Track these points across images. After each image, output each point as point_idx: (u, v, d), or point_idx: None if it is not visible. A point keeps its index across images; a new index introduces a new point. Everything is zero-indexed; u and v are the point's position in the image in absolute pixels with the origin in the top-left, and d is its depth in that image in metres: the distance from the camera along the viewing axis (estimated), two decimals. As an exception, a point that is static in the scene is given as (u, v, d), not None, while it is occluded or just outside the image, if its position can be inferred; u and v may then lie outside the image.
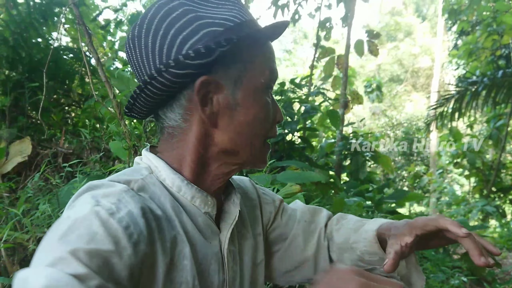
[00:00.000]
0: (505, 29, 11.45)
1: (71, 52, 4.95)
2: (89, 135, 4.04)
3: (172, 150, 0.82)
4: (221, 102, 0.77)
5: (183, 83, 0.75)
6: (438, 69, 20.04)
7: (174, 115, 0.79)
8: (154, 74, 0.73)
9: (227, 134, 0.79)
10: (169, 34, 0.73)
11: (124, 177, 0.75)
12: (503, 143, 10.93)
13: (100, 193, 0.68)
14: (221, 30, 0.74)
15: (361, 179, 6.58)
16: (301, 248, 1.06)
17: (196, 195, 0.80)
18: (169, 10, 0.74)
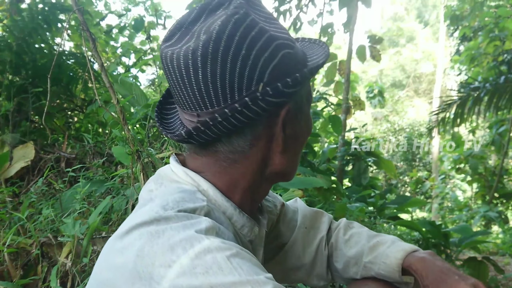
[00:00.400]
0: (507, 35, 11.47)
1: (74, 57, 4.97)
2: (92, 140, 4.05)
3: (224, 174, 0.75)
4: (293, 127, 0.76)
5: (272, 111, 0.71)
6: (440, 74, 20.05)
7: (243, 141, 0.73)
8: (248, 102, 0.66)
9: (288, 156, 0.77)
10: (251, 55, 0.67)
11: (188, 205, 0.66)
12: (505, 148, 10.92)
13: (200, 228, 0.60)
14: (292, 52, 0.71)
15: (363, 185, 6.57)
16: (299, 255, 1.05)
17: (246, 224, 0.77)
18: (247, 27, 0.67)
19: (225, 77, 0.66)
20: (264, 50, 0.67)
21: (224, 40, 0.66)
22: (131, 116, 4.08)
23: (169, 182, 0.76)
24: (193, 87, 0.68)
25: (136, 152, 2.71)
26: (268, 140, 0.74)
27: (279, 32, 0.71)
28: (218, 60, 0.66)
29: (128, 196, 2.89)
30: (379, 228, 5.08)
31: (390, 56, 34.61)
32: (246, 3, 0.71)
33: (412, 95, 32.00)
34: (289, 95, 0.70)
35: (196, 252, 0.54)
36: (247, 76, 0.67)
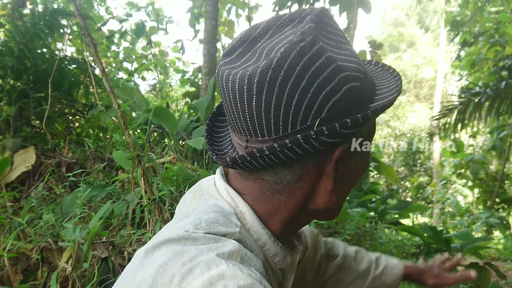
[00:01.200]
0: (507, 40, 11.49)
1: (75, 62, 4.98)
2: (92, 145, 4.05)
3: (266, 202, 0.72)
4: (346, 167, 0.71)
5: (325, 150, 0.66)
6: (441, 80, 20.05)
7: (290, 174, 0.68)
8: (300, 139, 0.62)
9: (337, 195, 0.73)
10: (311, 88, 0.62)
11: (220, 228, 0.64)
12: (506, 154, 10.91)
13: (222, 252, 0.58)
14: (358, 86, 0.66)
15: (364, 190, 6.57)
16: (306, 274, 1.06)
17: (279, 253, 0.74)
18: (312, 57, 0.61)
19: (279, 108, 0.62)
20: (328, 82, 0.62)
21: (285, 69, 0.61)
22: (132, 121, 4.08)
23: (208, 197, 0.74)
24: (245, 112, 0.65)
25: (137, 157, 2.71)
26: (317, 176, 0.70)
27: (349, 61, 0.66)
28: (275, 90, 0.61)
29: (129, 201, 2.89)
30: (381, 233, 5.07)
31: (391, 61, 34.65)
32: (316, 26, 0.65)
33: (413, 100, 32.03)
34: (347, 136, 0.65)
35: (210, 276, 0.53)
36: (304, 109, 0.62)
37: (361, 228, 4.54)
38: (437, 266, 1.24)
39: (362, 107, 0.66)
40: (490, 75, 11.49)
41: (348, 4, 7.31)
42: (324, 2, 7.67)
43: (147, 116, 3.80)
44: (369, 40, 7.18)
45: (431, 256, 4.81)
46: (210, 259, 0.55)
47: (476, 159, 11.56)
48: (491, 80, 9.29)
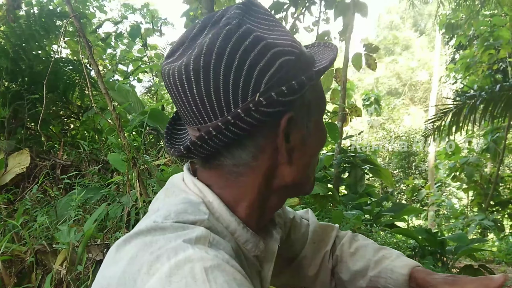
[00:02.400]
0: (502, 44, 11.56)
1: (70, 64, 4.97)
2: (87, 147, 4.04)
3: (230, 187, 0.73)
4: (298, 137, 0.73)
5: (270, 121, 0.68)
6: (436, 83, 20.15)
7: (245, 154, 0.70)
8: (241, 114, 0.64)
9: (297, 168, 0.74)
10: (244, 66, 0.64)
11: (188, 217, 0.65)
12: (501, 156, 10.96)
13: (189, 238, 0.58)
14: (293, 59, 0.68)
15: (360, 192, 6.58)
16: (306, 268, 1.06)
17: (250, 240, 0.74)
18: (240, 38, 0.65)
19: (219, 90, 0.65)
20: (259, 59, 0.65)
21: (215, 52, 0.64)
22: (127, 123, 4.07)
23: (178, 192, 0.75)
24: (190, 102, 0.68)
25: (132, 159, 2.71)
26: (273, 152, 0.71)
27: (281, 39, 0.68)
28: (211, 74, 0.65)
29: (124, 203, 2.88)
30: (376, 236, 5.08)
31: (386, 64, 34.81)
32: (243, 11, 0.69)
33: (408, 103, 32.16)
34: (287, 104, 0.67)
35: (177, 260, 0.53)
36: (241, 88, 0.65)
37: (356, 231, 4.55)
38: None
39: (299, 77, 0.67)
40: (485, 78, 11.56)
41: (344, 8, 7.34)
42: (320, 5, 7.70)
43: (143, 118, 3.79)
44: (364, 43, 7.20)
45: (426, 259, 4.82)
46: (177, 245, 0.56)
47: (470, 162, 11.60)
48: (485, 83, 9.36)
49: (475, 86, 9.59)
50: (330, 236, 1.08)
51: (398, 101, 29.18)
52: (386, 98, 26.64)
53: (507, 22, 11.37)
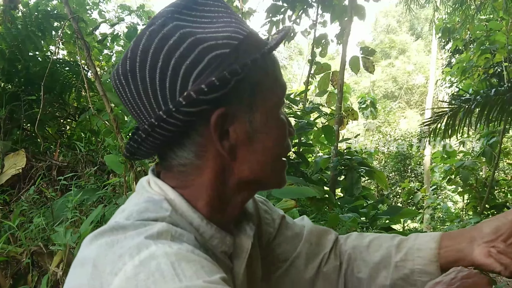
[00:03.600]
0: (498, 48, 11.61)
1: (67, 65, 4.96)
2: (84, 148, 4.03)
3: (184, 187, 0.72)
4: (239, 132, 0.70)
5: (196, 120, 0.67)
6: (432, 86, 20.21)
7: (186, 153, 0.70)
8: (163, 115, 0.63)
9: (248, 164, 0.72)
10: (169, 65, 0.63)
11: (150, 215, 0.65)
12: (496, 160, 10.99)
13: (150, 234, 0.58)
14: (227, 52, 0.66)
15: (356, 195, 6.59)
16: (301, 270, 1.01)
17: (215, 235, 0.73)
18: (164, 36, 0.64)
19: (147, 92, 0.65)
20: (185, 56, 0.63)
21: (139, 55, 0.64)
22: (124, 125, 4.07)
23: (142, 192, 0.74)
24: (127, 104, 0.69)
25: (129, 161, 2.71)
26: (216, 150, 0.70)
27: (219, 32, 0.66)
28: (137, 77, 0.64)
29: (120, 205, 2.87)
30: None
31: (382, 68, 34.88)
32: (173, 10, 0.68)
33: (404, 107, 32.24)
34: (211, 101, 0.64)
35: (141, 258, 0.53)
36: (168, 87, 0.64)
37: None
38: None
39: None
40: (481, 82, 11.59)
41: (341, 11, 7.36)
42: (317, 8, 7.72)
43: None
44: (361, 47, 7.22)
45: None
46: (139, 242, 0.56)
47: (466, 165, 11.63)
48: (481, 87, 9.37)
49: (471, 90, 9.63)
50: (327, 239, 1.04)
51: (394, 105, 29.25)
52: (382, 101, 26.72)
53: (503, 26, 11.42)
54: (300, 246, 1.01)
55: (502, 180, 13.16)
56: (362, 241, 1.00)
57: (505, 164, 14.96)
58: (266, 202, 1.01)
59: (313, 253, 1.01)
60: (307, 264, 1.00)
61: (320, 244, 1.03)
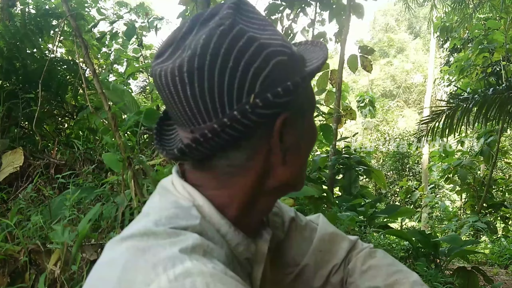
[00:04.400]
0: (496, 47, 11.63)
1: (65, 63, 4.96)
2: (82, 147, 4.03)
3: (222, 188, 0.72)
4: (292, 138, 0.72)
5: (265, 122, 0.67)
6: (430, 85, 20.23)
7: (240, 154, 0.70)
8: (237, 115, 0.64)
9: (291, 168, 0.74)
10: (239, 67, 0.64)
11: (180, 222, 0.65)
12: (494, 159, 11.01)
13: (185, 247, 0.57)
14: (286, 59, 0.68)
15: (354, 194, 6.60)
16: (310, 277, 1.00)
17: (241, 242, 0.73)
18: (234, 38, 0.65)
19: (213, 91, 0.64)
20: (254, 60, 0.65)
21: (210, 53, 0.64)
22: (122, 123, 4.06)
23: (167, 195, 0.74)
24: (183, 103, 0.67)
25: (127, 159, 2.70)
26: (267, 152, 0.71)
27: (273, 39, 0.68)
28: (205, 75, 0.64)
29: (118, 203, 2.87)
30: (370, 237, 5.09)
31: (381, 67, 34.93)
32: (235, 12, 0.68)
33: (402, 105, 32.27)
34: (283, 105, 0.66)
35: (176, 274, 0.52)
36: (236, 89, 0.64)
37: (350, 232, 4.56)
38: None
39: (292, 77, 0.67)
40: (479, 81, 11.62)
41: (340, 9, 7.36)
42: (315, 7, 7.72)
43: (138, 118, 3.79)
44: (359, 45, 7.22)
45: (419, 260, 4.84)
46: (173, 255, 0.55)
47: (464, 164, 11.66)
48: (479, 86, 9.39)
49: (469, 88, 9.64)
50: (341, 247, 1.02)
51: (393, 103, 29.29)
52: (381, 100, 26.73)
53: (501, 25, 11.44)
54: (310, 252, 1.00)
55: (500, 179, 13.20)
56: (363, 263, 1.00)
57: (503, 163, 15.00)
58: (276, 202, 0.99)
59: (322, 260, 1.00)
60: (316, 272, 1.00)
61: (332, 252, 1.02)
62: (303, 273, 0.99)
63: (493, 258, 8.46)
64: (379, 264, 0.98)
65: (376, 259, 1.00)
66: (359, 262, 1.00)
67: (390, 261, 0.99)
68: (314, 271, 0.99)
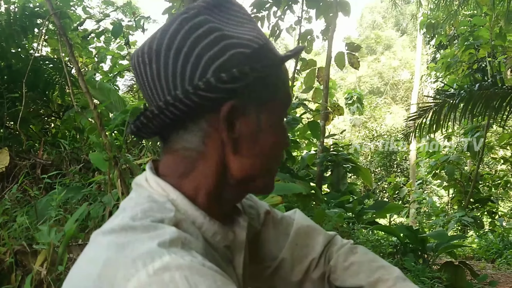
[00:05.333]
0: (481, 43, 11.74)
1: (51, 62, 4.91)
2: (68, 146, 4.00)
3: (187, 176, 0.75)
4: (245, 127, 0.73)
5: (209, 106, 0.70)
6: (417, 81, 20.38)
7: (191, 136, 0.73)
8: (180, 95, 0.67)
9: (246, 160, 0.75)
10: (194, 52, 0.68)
11: (156, 215, 0.66)
12: (480, 155, 11.12)
13: (163, 241, 0.58)
14: (248, 52, 0.71)
15: (342, 191, 6.63)
16: (288, 271, 1.00)
17: (218, 231, 0.75)
18: (194, 26, 0.69)
19: (167, 73, 0.69)
20: (210, 48, 0.68)
21: (167, 37, 0.69)
22: (109, 122, 4.04)
23: (142, 191, 0.76)
24: (145, 83, 0.72)
25: (113, 158, 2.69)
26: (219, 140, 0.73)
27: (242, 34, 0.72)
28: (161, 57, 0.69)
29: (106, 203, 2.86)
30: (358, 233, 5.12)
31: (368, 63, 35.09)
32: (206, 5, 0.73)
33: (390, 102, 32.45)
34: (228, 91, 0.69)
35: (155, 268, 0.53)
36: (189, 72, 0.68)
37: (338, 229, 4.58)
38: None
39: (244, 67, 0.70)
40: (465, 77, 11.73)
41: (326, 7, 7.37)
42: (302, 4, 7.73)
43: (124, 117, 3.77)
44: (346, 42, 7.25)
45: (407, 256, 4.88)
46: (152, 250, 0.56)
47: (451, 160, 11.76)
48: (465, 82, 9.48)
49: (455, 85, 9.72)
50: (317, 241, 1.02)
51: (380, 100, 29.44)
52: (368, 97, 26.85)
53: (486, 22, 11.55)
54: (286, 246, 1.00)
55: (486, 174, 13.34)
56: (345, 259, 1.00)
57: (489, 159, 15.16)
58: (250, 197, 1.01)
59: (299, 255, 1.00)
60: (294, 267, 1.00)
61: (308, 246, 1.02)
62: (281, 267, 0.99)
63: (480, 253, 8.56)
64: (361, 260, 0.99)
65: (358, 255, 1.00)
66: (341, 258, 1.00)
67: (371, 257, 1.00)
68: (292, 265, 0.99)
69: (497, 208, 12.31)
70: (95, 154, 3.12)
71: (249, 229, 0.93)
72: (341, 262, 0.99)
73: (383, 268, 0.96)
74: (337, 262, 1.00)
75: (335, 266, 1.00)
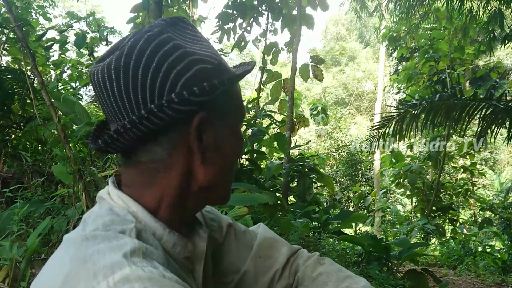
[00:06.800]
0: (441, 56, 12.13)
1: (11, 72, 4.80)
2: (30, 158, 3.91)
3: (149, 187, 0.76)
4: (211, 137, 0.77)
5: (181, 118, 0.72)
6: (381, 92, 20.77)
7: (160, 149, 0.74)
8: (154, 109, 0.69)
9: (210, 169, 0.78)
10: (162, 68, 0.70)
11: (116, 227, 0.67)
12: (441, 164, 11.42)
13: (124, 252, 0.59)
14: (210, 68, 0.75)
15: (308, 201, 6.68)
16: (251, 285, 1.01)
17: (177, 243, 0.76)
18: (159, 43, 0.71)
19: (137, 88, 0.70)
20: (177, 63, 0.71)
21: (135, 54, 0.70)
22: (73, 134, 3.97)
23: (104, 204, 0.77)
24: (111, 99, 0.72)
25: (77, 171, 2.65)
26: (187, 150, 0.75)
27: (201, 50, 0.76)
28: (130, 73, 0.70)
29: (69, 216, 2.82)
30: (324, 243, 5.17)
31: (333, 74, 35.62)
32: (167, 24, 0.76)
33: (354, 113, 33.00)
34: (199, 104, 0.72)
35: (115, 280, 0.55)
36: (158, 87, 0.70)
37: (304, 239, 4.62)
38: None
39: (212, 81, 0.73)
40: (426, 89, 12.08)
41: (291, 20, 7.48)
42: (267, 17, 7.81)
43: (90, 129, 3.72)
44: (311, 55, 7.36)
45: (372, 264, 4.95)
46: (112, 262, 0.57)
47: (413, 169, 12.02)
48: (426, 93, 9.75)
49: (417, 95, 9.99)
50: (281, 253, 1.04)
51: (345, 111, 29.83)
52: (333, 108, 27.22)
53: (445, 35, 11.95)
54: (249, 259, 1.01)
55: (447, 183, 13.67)
56: (313, 270, 1.02)
57: (450, 168, 15.57)
58: (212, 210, 1.03)
59: (262, 267, 1.01)
60: (258, 279, 1.01)
61: (271, 257, 1.03)
62: (245, 280, 1.00)
63: (442, 260, 8.76)
64: (328, 270, 1.01)
65: (325, 265, 1.02)
66: (308, 269, 1.02)
67: (338, 268, 1.02)
68: (255, 278, 1.01)
69: (458, 216, 12.63)
70: (59, 166, 3.07)
71: (211, 241, 0.95)
72: (308, 274, 1.01)
73: (350, 277, 0.98)
74: (304, 274, 1.01)
75: (303, 278, 1.01)
